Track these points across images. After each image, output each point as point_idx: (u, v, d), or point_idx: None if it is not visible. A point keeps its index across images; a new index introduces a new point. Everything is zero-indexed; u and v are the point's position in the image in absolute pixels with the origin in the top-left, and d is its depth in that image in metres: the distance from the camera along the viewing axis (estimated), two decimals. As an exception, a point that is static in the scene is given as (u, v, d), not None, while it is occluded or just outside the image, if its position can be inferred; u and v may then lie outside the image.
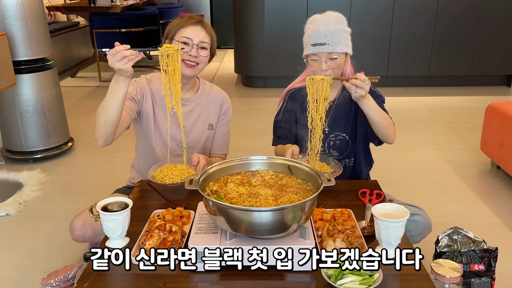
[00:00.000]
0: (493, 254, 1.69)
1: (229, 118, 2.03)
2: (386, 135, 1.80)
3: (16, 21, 3.04)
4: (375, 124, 1.76)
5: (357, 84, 1.62)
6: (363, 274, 1.21)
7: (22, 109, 3.20)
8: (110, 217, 1.35)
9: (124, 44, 1.54)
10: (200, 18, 1.86)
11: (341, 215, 1.50)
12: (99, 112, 1.63)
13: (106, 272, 1.29)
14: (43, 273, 1.99)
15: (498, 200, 2.78)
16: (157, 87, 1.89)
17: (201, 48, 1.81)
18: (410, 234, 1.67)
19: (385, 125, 1.76)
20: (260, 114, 4.37)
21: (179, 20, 1.84)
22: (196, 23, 1.82)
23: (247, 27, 5.19)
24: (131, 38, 5.61)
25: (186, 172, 1.70)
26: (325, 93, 1.67)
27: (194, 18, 1.83)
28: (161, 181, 1.65)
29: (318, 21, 1.81)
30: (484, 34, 5.10)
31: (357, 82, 1.62)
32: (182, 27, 1.81)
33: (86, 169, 3.24)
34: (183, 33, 1.80)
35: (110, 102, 1.58)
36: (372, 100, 1.71)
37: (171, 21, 1.88)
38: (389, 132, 1.79)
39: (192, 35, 1.79)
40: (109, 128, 1.63)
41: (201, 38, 1.81)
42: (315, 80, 1.68)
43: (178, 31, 1.82)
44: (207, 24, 1.86)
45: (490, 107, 3.10)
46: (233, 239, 1.28)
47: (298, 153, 1.75)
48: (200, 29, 1.82)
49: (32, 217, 2.61)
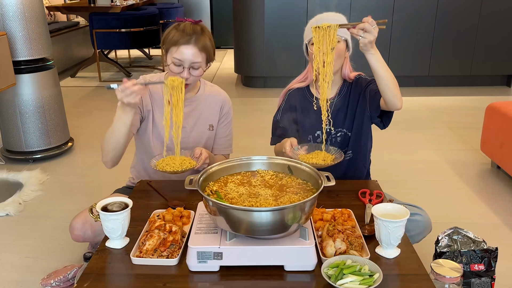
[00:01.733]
0: (493, 254, 1.69)
1: (231, 118, 2.03)
2: (394, 96, 1.68)
3: (16, 21, 3.04)
4: (382, 81, 1.66)
5: (365, 28, 1.53)
6: (363, 274, 1.21)
7: (22, 109, 3.20)
8: (110, 217, 1.35)
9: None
10: (194, 29, 1.74)
11: (341, 215, 1.50)
12: (107, 139, 1.70)
13: (106, 272, 1.29)
14: (43, 273, 1.99)
15: (498, 200, 2.78)
16: (157, 87, 1.89)
17: (193, 69, 1.77)
18: (410, 234, 1.67)
19: (393, 82, 1.66)
20: (260, 114, 4.37)
21: (173, 32, 1.75)
22: (188, 41, 1.72)
23: (247, 27, 5.19)
24: (131, 38, 5.60)
25: (188, 162, 1.70)
26: (332, 42, 1.59)
27: (187, 35, 1.73)
28: (162, 169, 1.66)
29: (320, 17, 1.82)
30: (485, 34, 5.10)
31: (365, 25, 1.53)
32: (175, 45, 1.73)
33: (86, 169, 3.24)
34: (174, 53, 1.73)
35: (118, 131, 1.66)
36: (379, 54, 1.63)
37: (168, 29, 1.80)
38: (397, 92, 1.68)
39: (183, 56, 1.73)
40: (118, 152, 1.74)
41: (193, 58, 1.74)
42: (322, 27, 1.59)
43: (171, 47, 1.75)
44: (200, 39, 1.74)
45: (490, 107, 3.09)
46: (233, 239, 1.28)
47: (296, 143, 1.74)
48: (192, 48, 1.72)
49: (32, 217, 2.61)
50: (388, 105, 1.73)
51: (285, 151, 1.73)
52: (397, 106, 1.72)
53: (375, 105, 1.81)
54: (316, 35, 1.61)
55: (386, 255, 1.35)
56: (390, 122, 1.86)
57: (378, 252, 1.36)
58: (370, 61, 1.63)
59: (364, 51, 1.61)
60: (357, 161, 1.98)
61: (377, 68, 1.64)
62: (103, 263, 1.33)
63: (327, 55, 1.61)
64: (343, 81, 1.94)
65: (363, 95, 1.88)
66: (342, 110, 1.93)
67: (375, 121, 1.88)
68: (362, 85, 1.90)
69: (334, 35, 1.59)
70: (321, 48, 1.61)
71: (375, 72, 1.65)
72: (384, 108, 1.79)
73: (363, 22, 1.54)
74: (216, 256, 1.26)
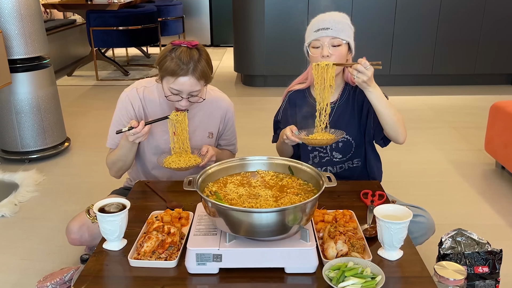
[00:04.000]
0: (498, 256, 1.68)
1: (233, 121, 2.02)
2: (396, 132, 1.71)
3: (12, 19, 3.00)
4: (382, 117, 1.69)
5: (358, 69, 1.60)
6: (365, 277, 1.20)
7: (18, 108, 3.17)
8: (107, 218, 1.34)
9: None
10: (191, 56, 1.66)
11: (343, 216, 1.49)
12: (115, 162, 1.86)
13: (103, 275, 1.29)
14: (39, 276, 1.97)
15: (503, 201, 2.76)
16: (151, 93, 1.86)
17: (191, 96, 1.73)
18: (413, 236, 1.66)
19: (394, 119, 1.68)
20: (261, 114, 4.35)
21: (169, 61, 1.66)
22: (185, 73, 1.65)
23: (247, 25, 5.16)
24: (129, 36, 5.55)
25: (193, 160, 1.75)
26: (329, 79, 1.68)
27: (183, 64, 1.64)
28: (168, 166, 1.73)
29: (322, 16, 1.80)
30: (489, 32, 5.07)
31: (358, 66, 1.60)
32: (171, 76, 1.66)
33: (83, 169, 3.22)
34: (171, 84, 1.68)
35: (125, 157, 1.83)
36: (379, 89, 1.66)
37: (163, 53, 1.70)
38: (398, 128, 1.70)
39: (181, 87, 1.68)
40: (125, 170, 1.92)
41: (191, 88, 1.70)
42: (320, 66, 1.69)
43: (167, 76, 1.68)
44: (197, 67, 1.67)
45: (495, 106, 3.07)
46: (233, 241, 1.27)
47: (296, 129, 1.74)
48: (190, 79, 1.66)
49: (28, 219, 2.59)
50: (390, 139, 1.78)
51: (286, 137, 1.73)
52: (399, 141, 1.75)
53: (378, 131, 1.82)
54: (315, 72, 1.71)
55: (388, 257, 1.34)
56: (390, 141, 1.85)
57: (380, 254, 1.35)
58: (369, 98, 1.68)
59: (362, 88, 1.67)
60: (364, 169, 1.95)
61: (377, 105, 1.68)
62: (100, 265, 1.32)
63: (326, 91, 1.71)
64: (345, 84, 1.91)
65: (368, 110, 1.85)
66: (344, 116, 1.89)
67: (377, 142, 1.89)
68: None
69: (331, 74, 1.69)
70: (320, 84, 1.71)
71: (375, 108, 1.70)
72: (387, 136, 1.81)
73: (357, 64, 1.61)
74: (216, 258, 1.26)
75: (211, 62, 1.74)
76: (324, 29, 1.74)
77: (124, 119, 1.84)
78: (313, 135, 1.75)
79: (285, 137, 1.73)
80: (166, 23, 6.58)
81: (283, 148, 1.91)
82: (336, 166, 1.94)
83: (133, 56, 6.95)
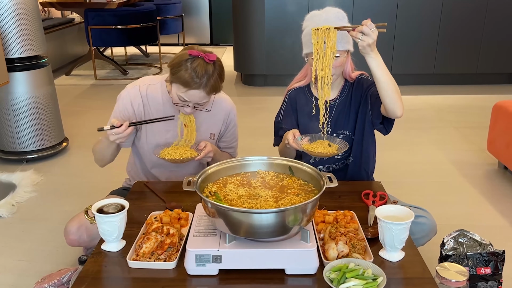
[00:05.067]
0: (500, 258, 1.68)
1: (235, 123, 2.01)
2: (394, 102, 1.66)
3: (9, 17, 2.99)
4: (382, 86, 1.63)
5: (363, 31, 1.53)
6: (367, 278, 1.20)
7: (15, 108, 3.15)
8: (106, 219, 1.33)
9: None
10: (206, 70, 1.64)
11: (344, 217, 1.49)
12: (95, 154, 1.88)
13: (101, 276, 1.28)
14: (37, 277, 1.96)
15: (505, 201, 2.75)
16: (154, 91, 1.85)
17: (198, 105, 1.74)
18: (415, 237, 1.65)
19: (393, 88, 1.64)
20: (261, 113, 4.34)
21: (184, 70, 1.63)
22: (198, 87, 1.64)
23: (247, 23, 5.15)
24: (128, 35, 5.53)
25: (189, 153, 1.76)
26: (332, 46, 1.58)
27: (198, 77, 1.62)
28: (163, 157, 1.75)
29: (317, 17, 1.76)
30: (491, 31, 5.05)
31: (363, 28, 1.53)
32: (183, 86, 1.65)
33: (81, 170, 3.21)
34: (181, 92, 1.67)
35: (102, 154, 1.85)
36: (380, 58, 1.62)
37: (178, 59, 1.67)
38: (397, 98, 1.65)
39: (191, 99, 1.69)
40: (106, 163, 1.92)
41: (200, 100, 1.70)
42: (321, 30, 1.58)
43: (178, 84, 1.66)
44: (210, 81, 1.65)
45: (497, 106, 3.06)
46: (233, 242, 1.27)
47: (299, 134, 1.73)
48: (200, 92, 1.66)
49: (26, 219, 2.58)
50: (387, 112, 1.71)
51: (287, 142, 1.71)
52: (397, 113, 1.69)
53: (376, 111, 1.78)
54: (315, 37, 1.60)
55: (390, 258, 1.33)
56: (392, 127, 1.83)
57: (381, 255, 1.35)
58: (370, 65, 1.62)
59: (364, 54, 1.60)
60: (359, 166, 1.94)
61: (377, 72, 1.62)
62: (98, 266, 1.31)
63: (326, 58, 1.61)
64: (344, 81, 1.91)
65: (364, 98, 1.85)
66: (344, 112, 1.90)
67: (377, 128, 1.85)
68: (364, 86, 1.86)
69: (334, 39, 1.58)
70: (319, 51, 1.60)
71: (375, 76, 1.64)
72: (384, 114, 1.76)
73: (362, 25, 1.53)
74: (215, 260, 1.25)
75: (224, 74, 1.73)
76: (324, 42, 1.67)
77: (122, 116, 1.84)
78: (315, 143, 1.73)
79: (287, 142, 1.71)
80: (165, 22, 6.57)
81: (286, 151, 1.87)
82: (337, 162, 1.94)
83: (132, 55, 6.93)
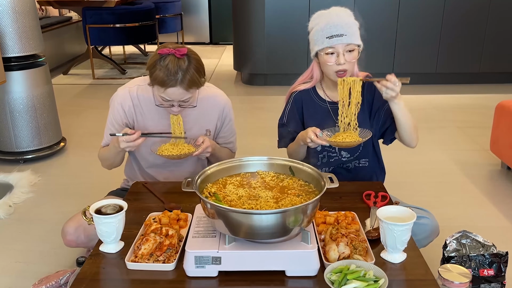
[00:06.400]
0: (503, 259, 1.67)
1: (231, 117, 2.00)
2: (411, 139, 1.80)
3: (6, 16, 2.97)
4: (401, 126, 1.77)
5: (388, 86, 1.66)
6: (368, 280, 1.19)
7: (12, 107, 3.14)
8: (104, 220, 1.33)
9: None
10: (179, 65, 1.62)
11: (345, 218, 1.48)
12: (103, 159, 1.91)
13: (99, 278, 1.28)
14: (34, 279, 1.95)
15: (508, 202, 2.73)
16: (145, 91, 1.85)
17: (183, 102, 1.73)
18: (417, 238, 1.63)
19: (411, 127, 1.77)
20: (261, 113, 4.33)
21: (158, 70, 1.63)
22: (174, 84, 1.63)
23: (247, 22, 5.13)
24: (126, 34, 5.51)
25: (186, 149, 1.77)
26: (357, 96, 1.72)
27: (171, 74, 1.62)
28: (161, 153, 1.75)
29: (328, 14, 1.77)
30: (494, 30, 5.03)
31: (388, 84, 1.66)
32: (160, 86, 1.65)
33: (79, 170, 3.19)
34: (161, 93, 1.68)
35: (112, 159, 1.87)
36: (402, 102, 1.73)
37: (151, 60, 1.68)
38: (414, 135, 1.80)
39: (171, 97, 1.69)
40: (114, 166, 1.95)
41: (181, 97, 1.70)
42: (346, 82, 1.72)
43: (156, 85, 1.67)
44: (185, 76, 1.64)
45: (500, 105, 3.04)
46: (232, 243, 1.26)
47: (319, 130, 1.72)
48: (178, 89, 1.65)
49: (23, 220, 2.57)
50: (402, 142, 1.85)
51: (310, 140, 1.69)
52: (412, 145, 1.83)
53: (391, 131, 1.85)
54: (341, 86, 1.73)
55: (391, 259, 1.33)
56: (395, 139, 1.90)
57: (383, 256, 1.34)
58: (392, 108, 1.74)
59: (388, 100, 1.73)
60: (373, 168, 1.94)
61: (398, 115, 1.75)
62: (96, 268, 1.31)
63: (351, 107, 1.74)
64: None
65: (378, 107, 1.85)
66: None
67: (385, 140, 1.92)
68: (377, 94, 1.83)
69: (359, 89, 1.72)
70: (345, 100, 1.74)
71: (396, 118, 1.76)
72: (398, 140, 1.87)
73: (386, 80, 1.67)
74: (215, 261, 1.24)
75: (202, 67, 1.71)
76: (338, 36, 1.71)
77: (116, 120, 1.86)
78: (340, 135, 1.73)
79: (309, 140, 1.69)
80: (164, 21, 6.56)
81: (300, 151, 1.86)
82: (344, 165, 1.92)
83: (130, 54, 6.90)
